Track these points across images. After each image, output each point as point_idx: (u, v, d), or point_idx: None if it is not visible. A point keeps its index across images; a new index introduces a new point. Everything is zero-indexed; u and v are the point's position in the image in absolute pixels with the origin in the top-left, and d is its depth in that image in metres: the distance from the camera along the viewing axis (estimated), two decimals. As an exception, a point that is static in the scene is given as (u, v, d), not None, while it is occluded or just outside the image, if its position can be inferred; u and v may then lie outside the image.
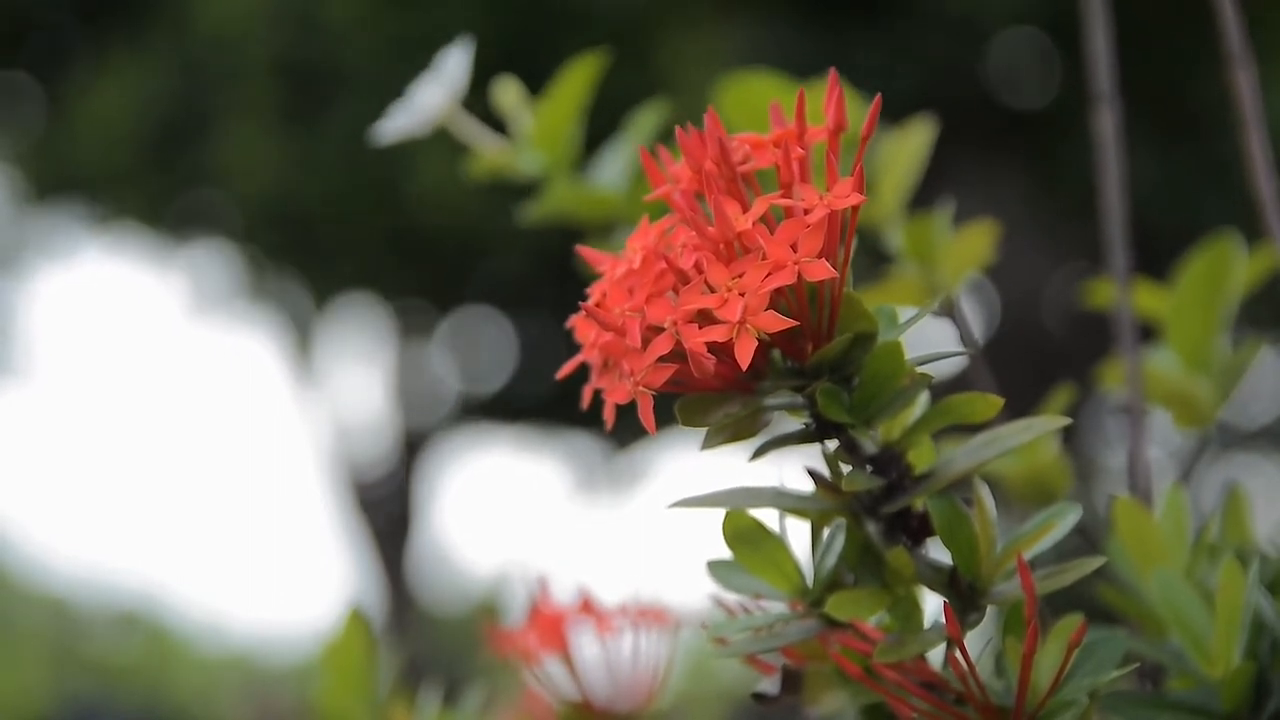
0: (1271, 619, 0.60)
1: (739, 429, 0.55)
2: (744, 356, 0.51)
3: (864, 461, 0.56)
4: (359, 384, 5.95)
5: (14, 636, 6.89)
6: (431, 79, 0.85)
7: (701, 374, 0.52)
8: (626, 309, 0.53)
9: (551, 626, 0.80)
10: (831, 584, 0.57)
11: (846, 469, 0.56)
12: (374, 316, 5.47)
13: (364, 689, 0.83)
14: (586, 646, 0.81)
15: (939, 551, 0.57)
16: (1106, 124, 0.82)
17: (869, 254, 0.77)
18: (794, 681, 0.60)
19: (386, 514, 5.92)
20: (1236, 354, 0.81)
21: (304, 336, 5.66)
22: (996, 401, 0.55)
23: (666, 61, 3.74)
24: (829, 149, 0.54)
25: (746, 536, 0.58)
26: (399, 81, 0.91)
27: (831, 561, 0.57)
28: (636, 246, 0.54)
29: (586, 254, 0.57)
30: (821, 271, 0.51)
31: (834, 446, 0.56)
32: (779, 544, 0.58)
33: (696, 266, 0.52)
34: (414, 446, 5.89)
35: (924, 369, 0.54)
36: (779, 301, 0.52)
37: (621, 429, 0.55)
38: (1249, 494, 0.72)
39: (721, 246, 0.52)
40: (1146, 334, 0.83)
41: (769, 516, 0.58)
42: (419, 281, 4.82)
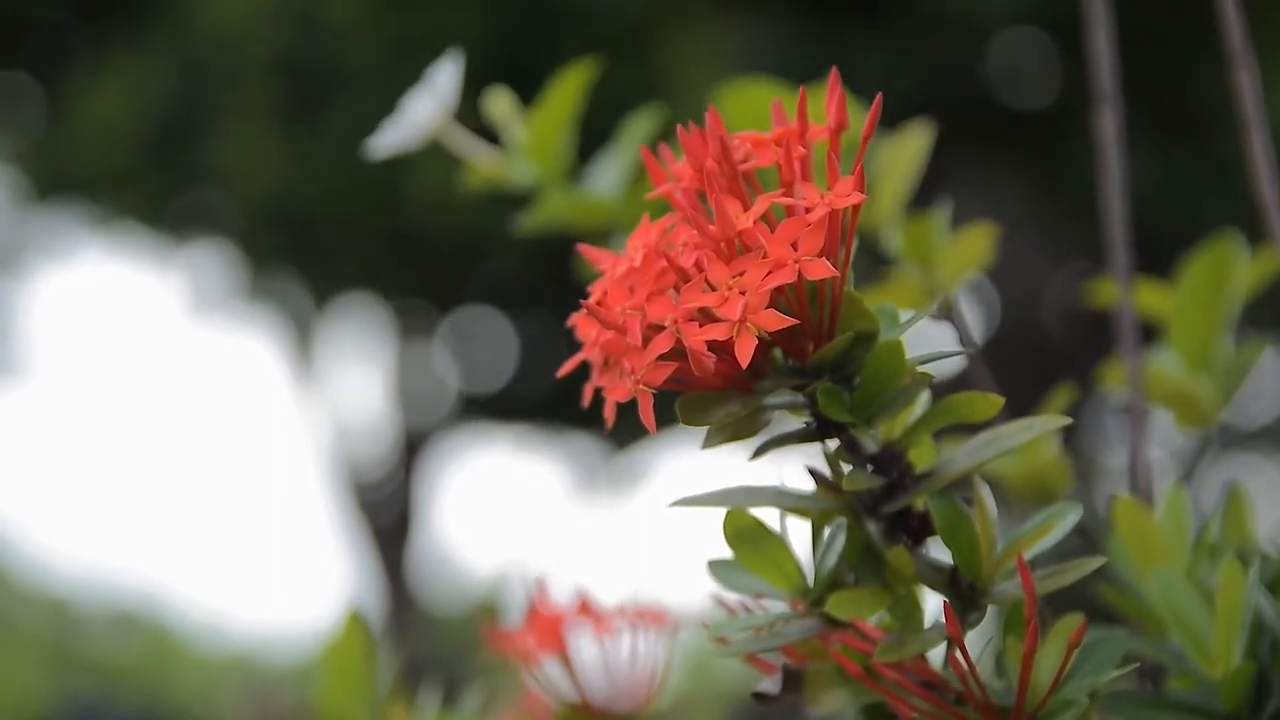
0: (1272, 619, 0.60)
1: (739, 428, 0.54)
2: (744, 355, 0.51)
3: (865, 461, 0.56)
4: (359, 384, 5.96)
5: (14, 636, 6.89)
6: (423, 92, 0.85)
7: (702, 372, 0.51)
8: (627, 307, 0.53)
9: (551, 627, 0.80)
10: (832, 583, 0.57)
11: (847, 468, 0.56)
12: (374, 316, 5.47)
13: (364, 689, 0.83)
14: (586, 647, 0.81)
15: (939, 551, 0.57)
16: (1108, 124, 0.82)
17: (869, 255, 0.77)
18: (794, 681, 0.60)
19: (386, 514, 5.92)
20: (1239, 354, 0.81)
21: (304, 336, 5.66)
22: (997, 401, 0.55)
23: (666, 61, 3.75)
24: (830, 148, 0.54)
25: (747, 536, 0.58)
26: (399, 82, 0.91)
27: (832, 561, 0.57)
28: (638, 244, 0.54)
29: (587, 252, 0.57)
30: (822, 270, 0.51)
31: (835, 446, 0.56)
32: (780, 543, 0.58)
33: (697, 265, 0.52)
34: (414, 446, 5.89)
35: (925, 368, 0.54)
36: (780, 300, 0.52)
37: (621, 429, 0.55)
38: (1250, 494, 0.71)
39: (722, 245, 0.52)
40: (1148, 334, 0.83)
41: (770, 516, 0.58)
42: (419, 281, 4.82)
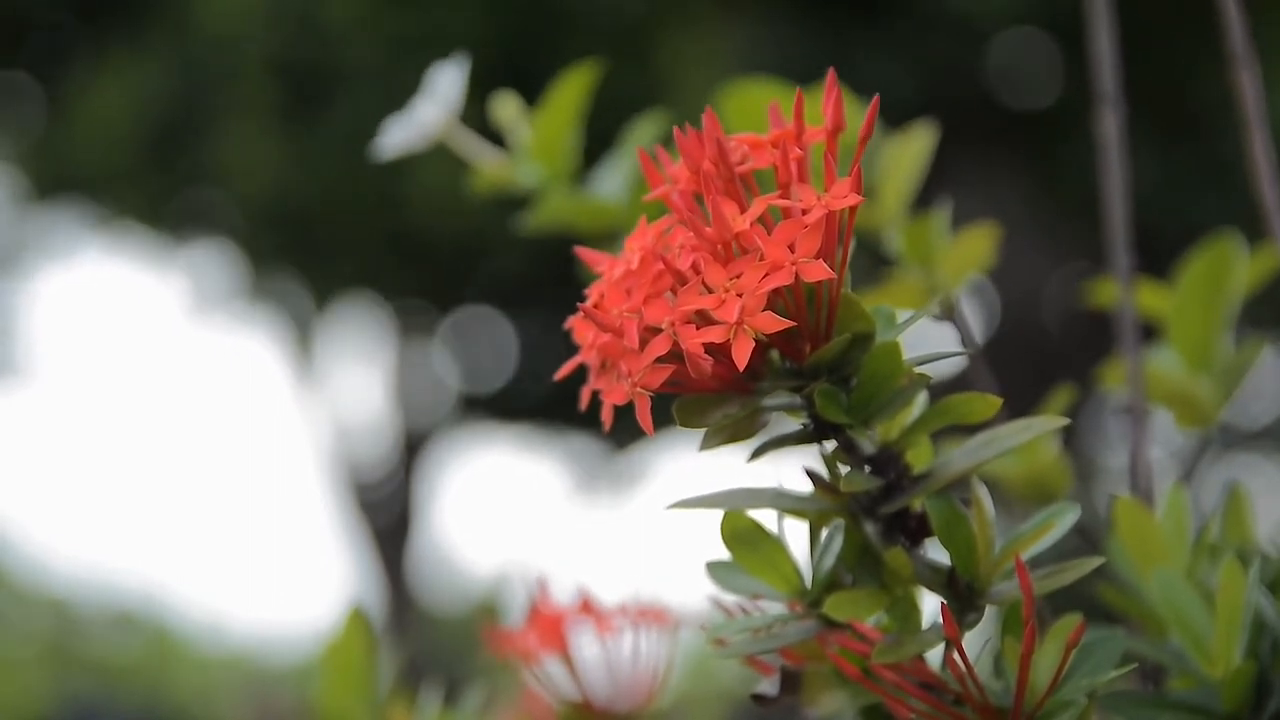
0: (1272, 619, 0.60)
1: (737, 430, 0.54)
2: (741, 357, 0.51)
3: (862, 462, 0.56)
4: (359, 384, 5.96)
5: (14, 637, 6.89)
6: (428, 95, 0.85)
7: (699, 375, 0.51)
8: (624, 310, 0.53)
9: (551, 627, 0.79)
10: (830, 584, 0.57)
11: (845, 469, 0.56)
12: (374, 316, 5.47)
13: (364, 689, 0.83)
14: (586, 647, 0.80)
15: (937, 552, 0.57)
16: (1109, 125, 0.82)
17: (869, 256, 0.77)
18: (793, 682, 0.60)
19: (386, 514, 5.92)
20: (1239, 354, 0.81)
21: (304, 336, 5.66)
22: (995, 401, 0.55)
23: (667, 62, 3.74)
24: (827, 149, 0.54)
25: (745, 537, 0.58)
26: (398, 82, 0.91)
27: (830, 562, 0.57)
28: (634, 247, 0.54)
29: (584, 254, 0.57)
30: (819, 272, 0.51)
31: (832, 447, 0.56)
32: (777, 545, 0.58)
33: (694, 267, 0.52)
34: (414, 446, 5.89)
35: (922, 369, 0.54)
36: (777, 302, 0.52)
37: (621, 429, 0.55)
38: (1250, 494, 0.71)
39: (719, 247, 0.52)
40: (1148, 334, 0.83)
41: (767, 517, 0.58)
42: (419, 281, 4.82)
